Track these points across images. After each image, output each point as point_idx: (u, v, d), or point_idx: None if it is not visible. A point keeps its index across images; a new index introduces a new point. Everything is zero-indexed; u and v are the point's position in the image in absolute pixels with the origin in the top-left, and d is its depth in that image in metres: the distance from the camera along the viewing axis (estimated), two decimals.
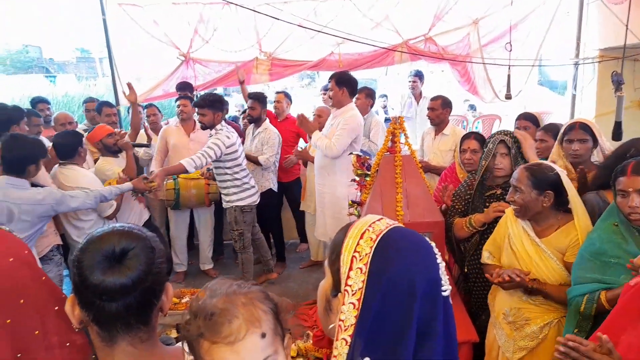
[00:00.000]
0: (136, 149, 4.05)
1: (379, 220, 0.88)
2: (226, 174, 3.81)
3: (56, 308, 0.92)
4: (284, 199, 4.80)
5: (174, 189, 4.08)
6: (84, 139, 3.29)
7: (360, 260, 0.82)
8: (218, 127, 3.73)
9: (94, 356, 0.94)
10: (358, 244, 0.84)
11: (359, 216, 2.75)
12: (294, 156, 4.46)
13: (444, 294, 0.83)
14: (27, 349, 0.85)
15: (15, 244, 0.92)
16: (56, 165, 3.20)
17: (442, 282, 0.83)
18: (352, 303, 0.80)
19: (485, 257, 2.24)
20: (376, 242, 0.83)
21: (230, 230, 4.03)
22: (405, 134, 2.55)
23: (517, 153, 2.38)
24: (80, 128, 4.44)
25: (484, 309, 2.44)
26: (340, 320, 0.81)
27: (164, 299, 0.91)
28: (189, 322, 0.81)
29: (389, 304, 0.78)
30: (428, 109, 3.94)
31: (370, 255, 0.82)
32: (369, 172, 2.65)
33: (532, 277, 1.98)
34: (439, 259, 0.85)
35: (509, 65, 3.87)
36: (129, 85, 4.06)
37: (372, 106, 4.60)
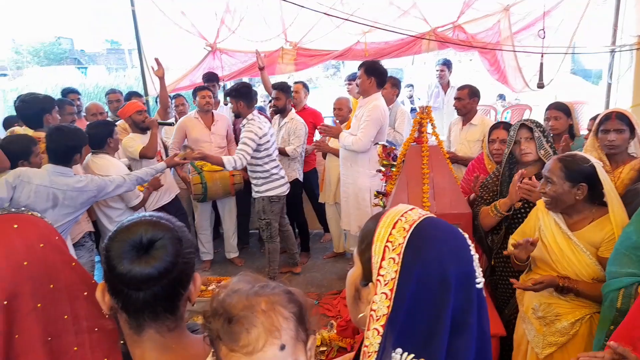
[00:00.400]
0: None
1: (411, 210, 0.87)
2: (257, 164, 3.83)
3: (85, 293, 0.93)
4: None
5: (201, 183, 4.13)
6: (115, 128, 3.37)
7: (393, 250, 0.81)
8: (249, 117, 3.74)
9: (122, 342, 0.96)
10: (390, 233, 0.83)
11: (384, 207, 2.74)
12: (313, 148, 4.45)
13: (478, 285, 0.82)
14: (57, 334, 0.87)
15: (46, 229, 0.94)
16: (89, 155, 3.29)
17: (476, 273, 0.82)
18: (385, 293, 0.79)
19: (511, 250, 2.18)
20: (409, 232, 0.82)
21: (258, 219, 4.06)
22: (432, 124, 2.50)
23: (541, 136, 2.31)
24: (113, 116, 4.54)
25: (507, 304, 2.40)
26: (372, 310, 0.80)
27: (192, 289, 0.91)
28: (209, 319, 0.80)
29: (422, 294, 0.78)
30: (455, 98, 3.87)
31: (404, 246, 0.81)
32: (394, 163, 2.63)
33: (563, 273, 1.93)
34: (473, 251, 0.84)
35: (542, 53, 3.74)
36: (157, 61, 4.12)
37: (397, 96, 4.54)
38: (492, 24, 4.94)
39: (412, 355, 0.76)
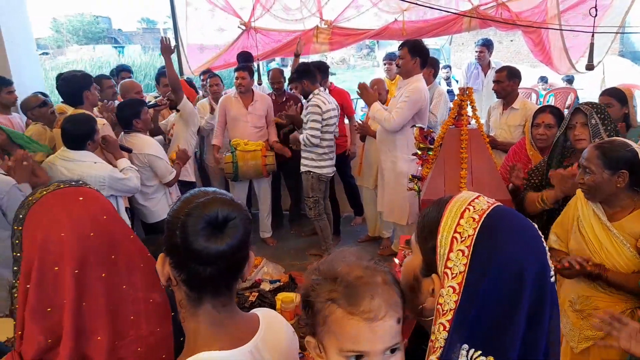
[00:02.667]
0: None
1: (477, 198, 0.82)
2: (319, 137, 3.83)
3: (142, 265, 0.97)
4: None
5: (232, 162, 4.17)
6: (143, 109, 3.34)
7: (462, 242, 0.77)
8: (315, 91, 3.78)
9: (173, 313, 0.99)
10: (458, 224, 0.78)
11: (419, 192, 2.67)
12: (355, 130, 4.38)
13: (552, 279, 0.77)
14: (117, 302, 0.92)
15: (106, 202, 0.99)
16: (122, 133, 3.35)
17: (550, 266, 0.78)
18: (452, 287, 0.75)
19: (552, 240, 2.09)
20: (480, 223, 0.77)
21: (305, 197, 4.09)
22: (473, 106, 2.41)
23: (598, 123, 2.18)
24: (151, 95, 4.60)
25: None
26: (438, 304, 0.77)
27: (246, 267, 0.94)
28: (318, 283, 0.81)
29: (495, 289, 0.73)
30: (493, 81, 3.70)
31: (474, 237, 0.76)
32: (431, 146, 2.55)
33: (598, 262, 1.84)
34: (545, 243, 0.79)
35: (593, 32, 3.52)
36: (167, 39, 3.93)
37: (435, 76, 4.41)
38: (539, 2, 4.69)
39: (479, 352, 0.73)
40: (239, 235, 0.86)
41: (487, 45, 5.19)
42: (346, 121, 4.62)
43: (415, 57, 3.43)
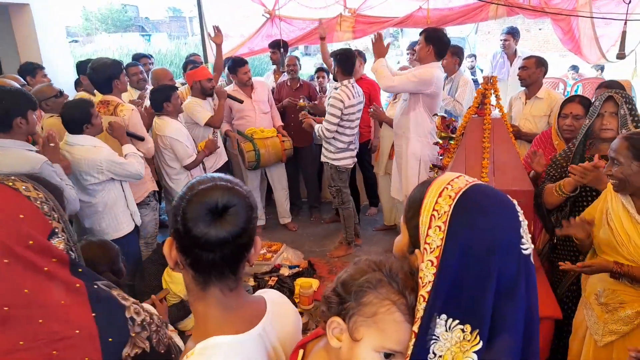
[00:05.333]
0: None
1: (457, 177, 0.86)
2: (335, 130, 3.83)
3: (46, 269, 0.95)
4: None
5: (254, 150, 4.19)
6: (174, 93, 3.49)
7: (439, 218, 0.81)
8: (344, 82, 3.74)
9: (94, 314, 0.99)
10: (437, 202, 0.83)
11: None
12: (370, 116, 4.36)
13: (525, 252, 0.80)
14: (15, 304, 0.90)
15: (8, 204, 0.95)
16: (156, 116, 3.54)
17: (524, 240, 0.80)
18: (430, 260, 0.80)
19: None
20: (455, 200, 0.81)
21: (329, 186, 4.11)
22: (497, 95, 2.38)
23: (627, 113, 2.11)
24: (179, 82, 4.67)
25: (557, 285, 2.29)
26: (419, 277, 0.81)
27: (252, 252, 0.94)
28: (380, 280, 0.84)
29: (468, 261, 0.78)
30: (519, 67, 3.63)
31: (449, 213, 0.80)
32: (453, 135, 2.53)
33: (628, 258, 1.81)
34: (522, 217, 0.82)
35: (626, 20, 3.40)
36: (216, 28, 4.16)
37: (459, 65, 4.34)
38: None
39: (457, 321, 0.76)
40: (239, 222, 0.86)
41: (512, 33, 5.06)
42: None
43: (430, 44, 3.38)
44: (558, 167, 2.38)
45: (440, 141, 2.60)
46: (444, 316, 0.77)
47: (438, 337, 0.77)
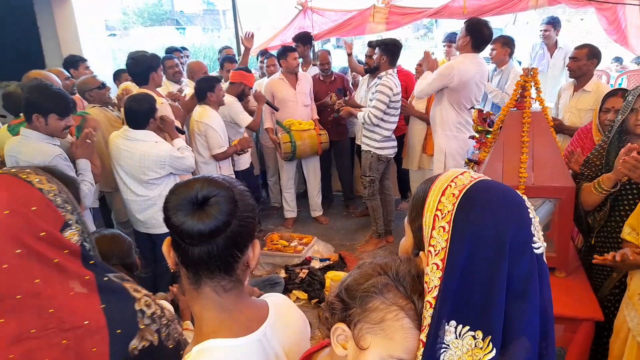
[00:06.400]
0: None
1: (461, 174, 0.81)
2: (382, 119, 3.82)
3: (56, 260, 0.97)
4: None
5: (290, 142, 4.22)
6: (217, 84, 3.59)
7: (442, 218, 0.77)
8: (390, 71, 3.75)
9: (103, 305, 1.00)
10: (440, 201, 0.78)
11: None
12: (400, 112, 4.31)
13: (537, 251, 0.75)
14: (25, 293, 0.93)
15: (23, 197, 0.97)
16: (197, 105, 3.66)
17: (535, 238, 0.75)
18: (436, 264, 0.75)
19: (626, 232, 1.96)
20: (459, 198, 0.77)
21: (362, 175, 4.10)
22: (537, 88, 2.29)
23: None
24: (213, 74, 4.73)
25: (599, 287, 2.21)
26: (424, 282, 0.77)
27: (251, 255, 0.91)
28: (386, 284, 0.80)
29: (475, 262, 0.73)
30: (570, 58, 3.48)
31: (453, 213, 0.76)
32: (490, 129, 2.46)
33: None
34: (532, 214, 0.77)
35: None
36: (249, 34, 4.28)
37: (510, 55, 4.23)
38: None
39: (467, 328, 0.72)
40: (220, 214, 0.83)
41: (553, 23, 4.87)
42: None
43: (468, 35, 3.35)
44: (592, 166, 2.28)
45: (477, 135, 2.53)
46: (453, 322, 0.72)
47: (448, 345, 0.72)
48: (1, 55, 5.42)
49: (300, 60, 5.09)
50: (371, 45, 4.18)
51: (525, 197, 0.79)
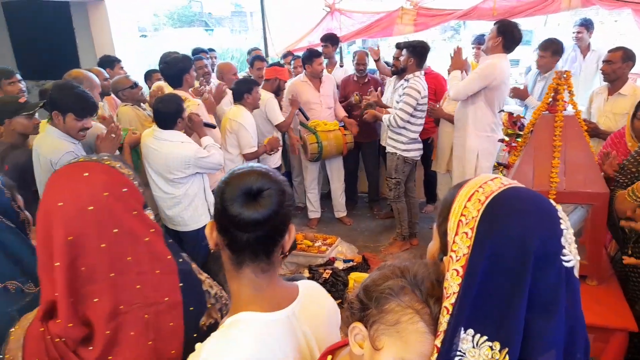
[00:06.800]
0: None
1: (492, 180, 0.80)
2: (409, 121, 3.81)
3: (147, 239, 1.03)
4: None
5: (317, 142, 4.24)
6: (255, 87, 3.65)
7: (466, 224, 0.76)
8: (417, 73, 3.73)
9: (181, 284, 1.06)
10: (465, 207, 0.77)
11: None
12: (428, 115, 4.27)
13: (567, 264, 0.72)
14: (120, 271, 1.00)
15: (115, 180, 1.03)
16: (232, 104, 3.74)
17: (565, 250, 0.72)
18: (456, 270, 0.74)
19: None
20: (484, 205, 0.75)
21: (387, 177, 4.09)
22: (570, 91, 2.24)
23: None
24: (241, 74, 4.81)
25: (637, 299, 2.13)
26: (444, 287, 0.76)
27: (286, 238, 1.00)
28: (403, 287, 0.80)
29: (496, 271, 0.71)
30: (604, 61, 3.39)
31: (477, 219, 0.74)
32: (521, 132, 2.42)
33: None
34: (564, 224, 0.74)
35: None
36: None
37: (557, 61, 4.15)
38: None
39: (485, 338, 0.70)
40: (272, 205, 0.92)
41: (586, 25, 4.75)
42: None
43: (500, 36, 3.32)
44: (628, 174, 2.21)
45: (507, 138, 2.50)
46: (470, 331, 0.71)
47: (464, 353, 0.71)
48: (39, 56, 5.63)
49: (326, 61, 5.12)
50: (399, 47, 4.16)
51: (559, 207, 0.77)
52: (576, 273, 0.74)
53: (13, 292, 1.08)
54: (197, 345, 0.93)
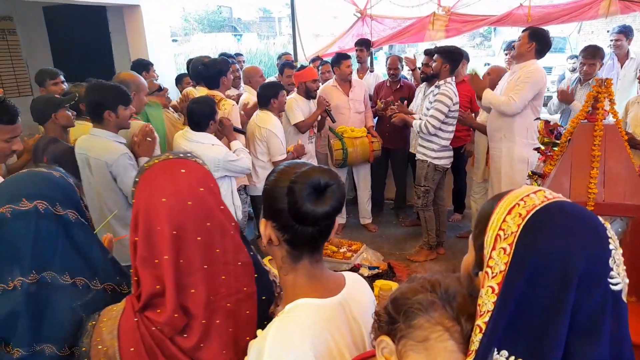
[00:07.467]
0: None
1: (535, 192, 0.74)
2: (441, 129, 3.77)
3: (232, 232, 1.09)
4: None
5: (342, 149, 4.22)
6: (281, 91, 3.63)
7: (504, 239, 0.71)
8: (448, 79, 3.68)
9: (256, 275, 1.11)
10: (504, 220, 0.73)
11: None
12: (458, 122, 4.18)
13: (614, 288, 0.68)
14: (211, 263, 1.05)
15: (205, 176, 1.10)
16: (258, 110, 3.70)
17: (613, 272, 0.68)
18: (491, 287, 0.70)
19: None
20: (525, 220, 0.70)
21: (416, 185, 4.03)
22: (611, 100, 2.17)
23: None
24: (269, 79, 4.85)
25: None
26: (477, 304, 0.72)
27: (334, 229, 1.06)
28: (433, 302, 0.77)
29: (535, 291, 0.67)
30: None
31: (517, 235, 0.70)
32: (558, 141, 2.35)
33: None
34: (612, 244, 0.69)
35: None
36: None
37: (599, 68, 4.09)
38: None
39: None
40: (337, 198, 0.98)
41: (625, 32, 4.60)
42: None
43: (532, 42, 3.27)
44: None
45: (542, 147, 2.43)
46: (504, 352, 0.67)
47: None
48: (76, 59, 5.81)
49: (358, 65, 5.11)
50: (428, 53, 4.12)
51: (608, 226, 0.72)
52: (624, 297, 0.70)
53: (80, 288, 1.11)
54: (259, 332, 0.97)
